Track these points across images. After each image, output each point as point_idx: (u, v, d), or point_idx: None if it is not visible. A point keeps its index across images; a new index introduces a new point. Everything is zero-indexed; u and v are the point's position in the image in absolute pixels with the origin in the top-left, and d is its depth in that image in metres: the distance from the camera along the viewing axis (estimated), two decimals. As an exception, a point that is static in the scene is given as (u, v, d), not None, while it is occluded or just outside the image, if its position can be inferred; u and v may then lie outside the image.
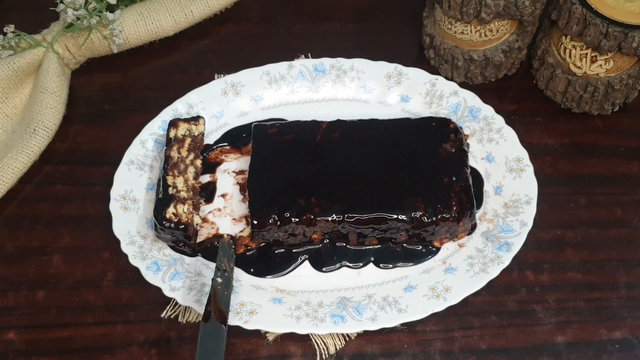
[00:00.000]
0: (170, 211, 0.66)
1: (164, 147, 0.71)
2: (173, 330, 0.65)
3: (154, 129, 0.73)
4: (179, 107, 0.74)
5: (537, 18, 0.74)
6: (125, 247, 0.66)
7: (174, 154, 0.70)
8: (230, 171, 0.73)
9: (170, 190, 0.67)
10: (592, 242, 0.69)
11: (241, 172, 0.73)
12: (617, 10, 0.67)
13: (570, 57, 0.72)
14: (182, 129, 0.71)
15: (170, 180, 0.68)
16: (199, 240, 0.68)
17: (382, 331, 0.64)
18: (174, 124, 0.71)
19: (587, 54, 0.71)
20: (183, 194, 0.67)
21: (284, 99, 0.77)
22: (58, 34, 0.75)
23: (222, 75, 0.79)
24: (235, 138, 0.74)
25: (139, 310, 0.66)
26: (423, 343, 0.64)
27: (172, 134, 0.71)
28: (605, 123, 0.76)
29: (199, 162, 0.70)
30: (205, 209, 0.70)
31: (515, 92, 0.77)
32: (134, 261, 0.65)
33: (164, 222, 0.65)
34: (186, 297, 0.64)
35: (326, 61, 0.77)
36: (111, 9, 0.76)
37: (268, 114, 0.76)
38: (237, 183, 0.72)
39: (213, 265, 0.67)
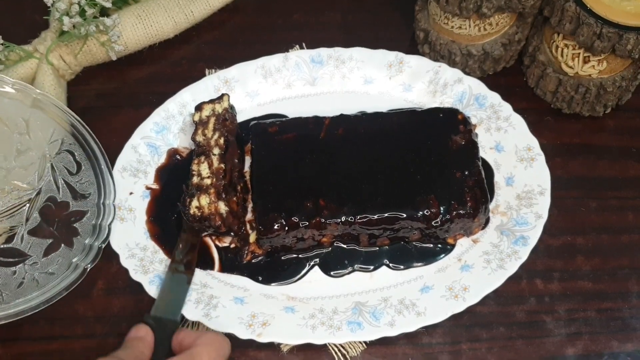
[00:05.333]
0: (193, 205, 0.64)
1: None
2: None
3: (146, 132, 0.70)
4: (170, 107, 0.71)
5: (537, 8, 0.71)
6: (125, 261, 0.64)
7: (199, 137, 0.68)
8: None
9: (195, 180, 0.65)
10: (603, 249, 0.67)
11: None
12: (613, 9, 0.64)
13: (562, 56, 0.70)
14: (207, 110, 0.69)
15: (195, 167, 0.66)
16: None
17: (387, 344, 0.62)
18: (199, 108, 0.69)
19: (579, 53, 0.68)
20: (207, 181, 0.65)
21: (280, 93, 0.74)
22: (53, 44, 0.71)
23: (213, 70, 0.76)
24: (233, 138, 0.71)
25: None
26: (429, 356, 0.63)
27: (196, 118, 0.69)
28: (597, 124, 0.74)
29: (222, 141, 0.67)
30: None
31: (503, 89, 0.73)
32: (135, 276, 0.63)
33: (190, 218, 0.64)
34: (194, 311, 0.62)
35: (323, 51, 0.74)
36: (105, 12, 0.71)
37: (265, 110, 0.74)
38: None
39: (219, 275, 0.64)
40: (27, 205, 0.64)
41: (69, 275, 0.62)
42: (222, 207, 0.64)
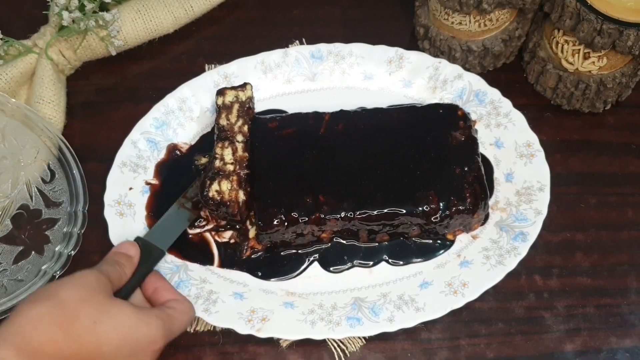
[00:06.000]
0: (213, 189, 0.63)
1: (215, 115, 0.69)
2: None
3: (146, 127, 0.70)
4: (170, 103, 0.71)
5: (538, 4, 0.70)
6: (124, 257, 0.63)
7: (223, 121, 0.67)
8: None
9: (217, 163, 0.65)
10: (602, 245, 0.67)
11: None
12: (613, 5, 0.64)
13: (562, 52, 0.70)
14: (230, 96, 0.68)
15: (219, 151, 0.65)
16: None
17: (386, 340, 0.62)
18: (221, 92, 0.69)
19: (579, 50, 0.68)
20: (229, 167, 0.65)
21: (280, 89, 0.74)
22: (53, 39, 0.71)
23: (213, 65, 0.75)
24: (233, 133, 0.71)
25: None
26: (428, 352, 0.63)
27: (219, 102, 0.68)
28: (597, 120, 0.74)
29: (246, 128, 0.67)
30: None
31: (503, 85, 0.73)
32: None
33: (208, 200, 0.63)
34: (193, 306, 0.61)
35: (323, 47, 0.74)
36: (104, 7, 0.71)
37: (265, 106, 0.73)
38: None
39: (219, 271, 0.64)
40: None
41: (37, 282, 0.63)
42: (241, 196, 0.64)
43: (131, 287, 0.58)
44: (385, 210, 0.63)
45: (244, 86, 0.69)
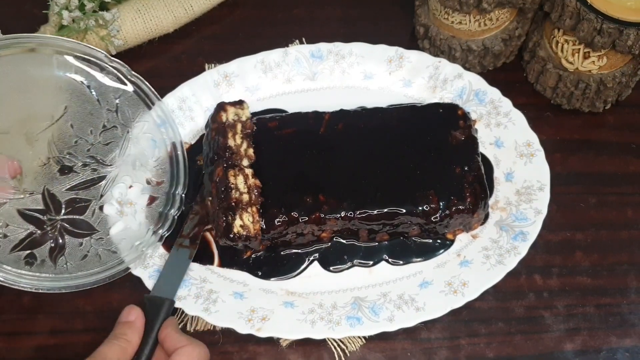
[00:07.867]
0: (237, 224, 0.61)
1: (209, 135, 0.66)
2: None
3: (146, 126, 0.69)
4: (170, 102, 0.71)
5: (538, 4, 0.70)
6: (124, 256, 0.63)
7: (230, 142, 0.64)
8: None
9: (234, 194, 0.62)
10: (602, 245, 0.68)
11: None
12: (613, 5, 0.64)
13: (562, 51, 0.70)
14: (232, 113, 0.66)
15: (232, 180, 0.63)
16: None
17: (386, 339, 0.62)
18: (222, 107, 0.66)
19: (579, 49, 0.68)
20: (245, 198, 0.62)
21: (280, 88, 0.74)
22: None
23: (213, 65, 0.75)
24: (232, 132, 0.71)
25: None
26: (428, 351, 0.63)
27: (223, 118, 0.66)
28: (597, 119, 0.74)
29: (251, 152, 0.65)
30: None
31: (503, 85, 0.73)
32: (135, 271, 0.64)
33: (232, 236, 0.61)
34: (193, 306, 0.62)
35: (323, 46, 0.74)
36: (104, 6, 0.71)
37: (264, 105, 0.73)
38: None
39: (219, 270, 0.64)
40: (104, 181, 0.65)
41: (130, 255, 0.63)
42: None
43: (150, 348, 0.57)
44: (385, 210, 0.63)
45: (240, 103, 0.68)
